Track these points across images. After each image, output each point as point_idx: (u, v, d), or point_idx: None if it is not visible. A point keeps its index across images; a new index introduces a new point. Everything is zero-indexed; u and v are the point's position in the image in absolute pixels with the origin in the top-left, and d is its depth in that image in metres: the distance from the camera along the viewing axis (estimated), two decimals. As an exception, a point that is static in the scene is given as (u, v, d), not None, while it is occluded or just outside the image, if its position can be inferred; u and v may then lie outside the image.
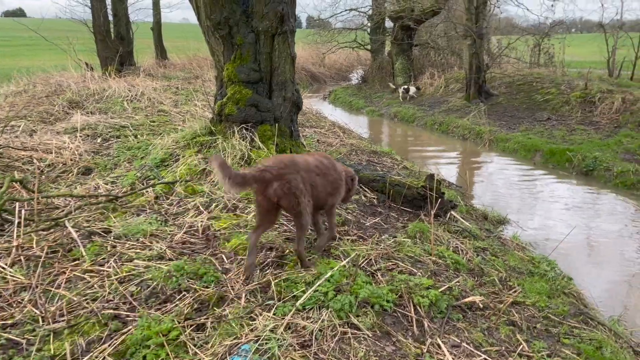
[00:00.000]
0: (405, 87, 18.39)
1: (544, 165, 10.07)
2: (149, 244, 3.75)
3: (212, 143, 5.25)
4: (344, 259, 3.69)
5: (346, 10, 25.03)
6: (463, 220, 5.56)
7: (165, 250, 3.64)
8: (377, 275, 3.59)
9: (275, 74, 5.51)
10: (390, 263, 3.88)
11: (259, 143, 5.22)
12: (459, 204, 6.18)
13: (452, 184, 8.51)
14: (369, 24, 24.36)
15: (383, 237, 4.53)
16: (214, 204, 4.47)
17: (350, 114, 18.11)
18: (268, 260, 3.57)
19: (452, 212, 5.68)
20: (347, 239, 4.24)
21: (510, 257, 4.91)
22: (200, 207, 4.43)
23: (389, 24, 23.00)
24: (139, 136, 7.23)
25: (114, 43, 16.74)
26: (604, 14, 34.57)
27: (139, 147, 6.49)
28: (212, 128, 5.52)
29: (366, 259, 3.81)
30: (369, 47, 24.67)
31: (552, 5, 19.27)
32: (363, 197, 5.69)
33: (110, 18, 17.08)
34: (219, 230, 4.03)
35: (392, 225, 5.10)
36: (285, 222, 4.29)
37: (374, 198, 5.89)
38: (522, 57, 19.73)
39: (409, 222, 5.25)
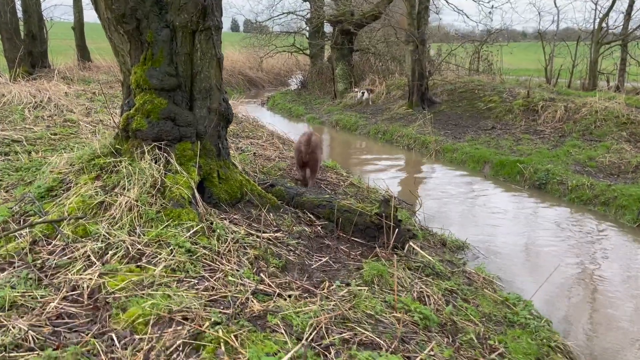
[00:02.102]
0: (366, 89, 17.55)
1: (494, 178, 9.56)
2: (4, 321, 2.61)
3: (115, 166, 4.12)
4: (285, 331, 2.73)
5: (284, 13, 24.15)
6: (424, 253, 4.74)
7: (27, 333, 2.52)
8: (329, 356, 2.65)
9: (197, 80, 4.46)
10: (346, 330, 2.95)
11: (177, 166, 4.15)
12: (417, 232, 5.38)
13: (402, 201, 7.75)
14: (307, 28, 23.60)
15: (334, 285, 3.61)
16: (111, 251, 3.37)
17: (290, 121, 17.17)
18: (178, 342, 2.54)
19: (411, 243, 4.86)
20: (290, 295, 3.27)
21: (483, 300, 4.13)
22: (92, 256, 3.32)
23: (328, 28, 22.34)
24: (33, 153, 5.93)
25: (24, 42, 14.92)
26: (541, 22, 35.90)
27: (28, 168, 5.22)
28: (117, 146, 4.39)
29: (315, 329, 2.86)
30: (308, 51, 23.90)
31: (489, 13, 19.12)
32: (307, 229, 4.74)
33: (20, 15, 15.24)
34: (113, 292, 2.95)
35: (344, 265, 4.19)
36: (206, 276, 3.27)
37: (320, 227, 4.97)
38: (462, 64, 19.61)
39: (362, 260, 4.36)
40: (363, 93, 17.12)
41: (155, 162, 4.13)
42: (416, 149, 12.12)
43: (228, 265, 3.47)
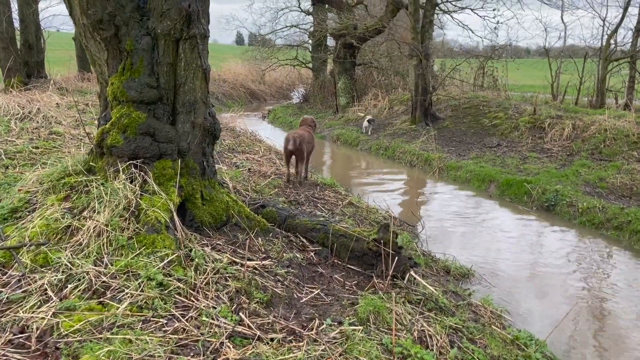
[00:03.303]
0: (370, 117, 15.30)
1: (500, 198, 9.15)
2: None
3: (86, 186, 3.74)
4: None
5: (287, 26, 23.98)
6: (426, 284, 4.33)
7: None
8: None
9: (180, 92, 4.10)
10: (335, 384, 2.54)
11: (154, 186, 3.77)
12: (419, 260, 4.97)
13: (403, 222, 7.35)
14: (310, 42, 23.39)
15: (324, 324, 3.20)
16: (71, 284, 2.98)
17: (290, 136, 16.82)
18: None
19: (412, 272, 4.45)
20: (272, 339, 2.86)
21: (491, 340, 3.71)
22: (50, 289, 2.93)
23: (331, 41, 22.11)
24: (10, 168, 5.57)
25: (20, 52, 14.66)
26: (547, 38, 35.64)
27: (0, 185, 4.85)
28: (91, 164, 4.02)
29: (297, 384, 2.45)
30: (310, 65, 23.67)
31: (495, 28, 18.83)
32: (299, 255, 4.34)
33: (17, 25, 15.00)
34: (66, 335, 2.55)
35: (337, 298, 3.78)
36: (177, 315, 2.86)
37: (314, 253, 4.57)
38: (467, 80, 19.29)
39: (358, 291, 3.96)
40: (370, 121, 14.99)
41: (131, 182, 3.76)
42: (419, 166, 11.73)
43: (204, 302, 3.06)
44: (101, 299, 2.89)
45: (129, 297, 2.90)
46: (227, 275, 3.48)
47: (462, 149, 12.46)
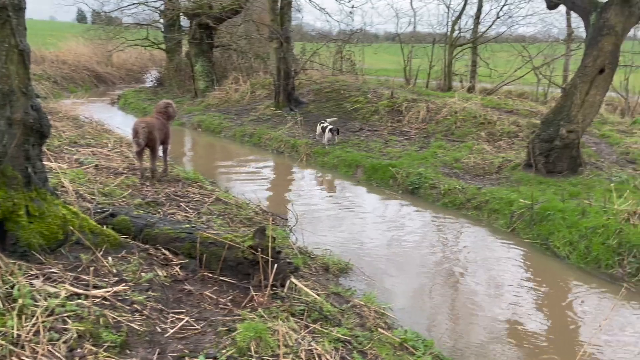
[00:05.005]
0: (330, 127, 11.15)
1: (367, 183, 9.19)
2: None
3: None
4: None
5: (134, 4, 21.86)
6: (308, 291, 3.96)
7: None
8: None
9: (-12, 80, 3.14)
10: None
11: (-45, 205, 2.82)
12: (297, 261, 4.58)
13: (276, 215, 6.95)
14: (162, 21, 21.65)
15: (196, 364, 2.64)
16: None
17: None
18: None
19: (293, 279, 4.04)
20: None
21: (380, 348, 3.45)
22: None
23: (185, 21, 20.69)
24: None
25: None
26: (399, 24, 37.54)
27: None
28: None
29: None
30: (163, 46, 21.97)
31: (350, 12, 19.16)
32: (161, 272, 3.68)
33: None
34: None
35: (210, 323, 3.23)
36: None
37: (179, 267, 3.93)
38: (326, 64, 19.42)
39: (235, 310, 3.44)
40: (332, 132, 11.01)
41: None
42: (286, 153, 11.41)
43: (31, 362, 2.31)
44: None
45: None
46: (66, 315, 2.73)
47: (327, 133, 12.39)
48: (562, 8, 12.54)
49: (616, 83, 13.71)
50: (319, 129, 11.53)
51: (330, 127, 11.18)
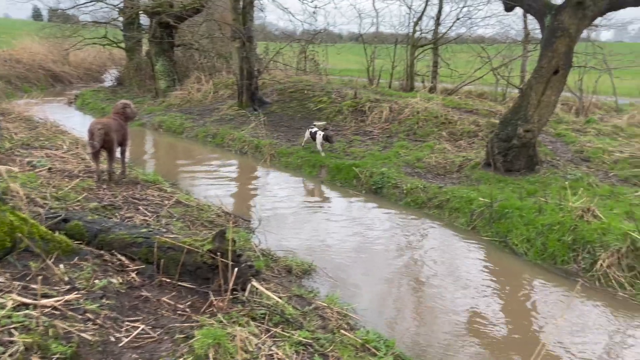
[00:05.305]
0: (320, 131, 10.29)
1: (331, 183, 9.20)
2: None
3: None
4: None
5: (91, 1, 21.23)
6: (270, 294, 3.91)
7: None
8: None
9: None
10: None
11: None
12: (259, 263, 4.53)
13: (239, 217, 6.87)
14: (120, 19, 21.11)
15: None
16: None
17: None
18: None
19: (254, 282, 3.99)
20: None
21: (342, 350, 3.44)
22: None
23: (145, 20, 20.23)
24: None
25: None
26: (362, 24, 37.91)
27: None
28: None
29: None
30: (123, 45, 21.44)
31: (313, 12, 19.17)
32: (116, 279, 3.56)
33: None
34: None
35: (167, 330, 3.15)
36: None
37: (136, 273, 3.82)
38: (290, 64, 19.36)
39: (193, 315, 3.37)
40: (326, 138, 10.13)
41: None
42: (250, 154, 11.30)
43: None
44: None
45: None
46: (13, 326, 2.60)
47: (291, 134, 12.35)
48: (519, 10, 12.88)
49: (571, 83, 14.22)
50: (307, 134, 10.56)
51: (321, 132, 10.16)
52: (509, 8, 9.71)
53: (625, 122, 12.03)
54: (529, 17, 15.08)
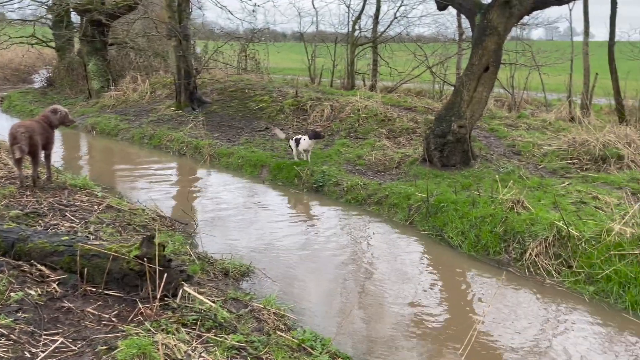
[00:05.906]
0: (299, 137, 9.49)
1: (273, 182, 9.13)
2: None
3: None
4: None
5: (16, -2, 20.08)
6: (202, 298, 3.81)
7: None
8: None
9: None
10: None
11: None
12: (193, 268, 4.40)
13: (175, 221, 6.67)
14: (50, 17, 20.08)
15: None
16: None
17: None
18: None
19: (186, 287, 3.86)
20: None
21: (278, 352, 3.39)
22: None
23: (76, 17, 19.34)
24: None
25: None
26: (302, 23, 37.80)
27: None
28: None
29: None
30: (53, 44, 20.40)
31: (253, 11, 18.96)
32: (34, 291, 3.36)
33: None
34: None
35: (90, 342, 3.00)
36: None
37: (57, 284, 3.62)
38: (230, 63, 19.08)
39: (119, 325, 3.22)
40: (317, 135, 9.36)
41: None
42: (189, 155, 11.03)
43: None
44: None
45: None
46: None
47: (232, 134, 12.17)
48: (453, 10, 13.26)
49: (503, 80, 14.81)
50: (292, 144, 9.56)
51: (304, 137, 9.30)
52: (441, 7, 9.97)
53: (553, 117, 12.66)
54: (463, 16, 15.57)
